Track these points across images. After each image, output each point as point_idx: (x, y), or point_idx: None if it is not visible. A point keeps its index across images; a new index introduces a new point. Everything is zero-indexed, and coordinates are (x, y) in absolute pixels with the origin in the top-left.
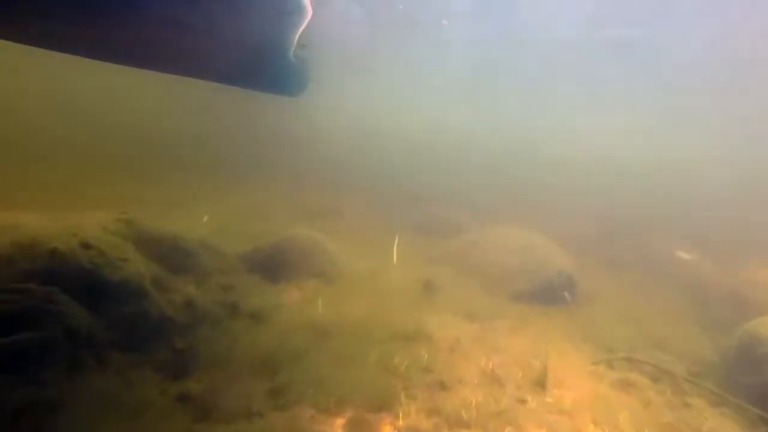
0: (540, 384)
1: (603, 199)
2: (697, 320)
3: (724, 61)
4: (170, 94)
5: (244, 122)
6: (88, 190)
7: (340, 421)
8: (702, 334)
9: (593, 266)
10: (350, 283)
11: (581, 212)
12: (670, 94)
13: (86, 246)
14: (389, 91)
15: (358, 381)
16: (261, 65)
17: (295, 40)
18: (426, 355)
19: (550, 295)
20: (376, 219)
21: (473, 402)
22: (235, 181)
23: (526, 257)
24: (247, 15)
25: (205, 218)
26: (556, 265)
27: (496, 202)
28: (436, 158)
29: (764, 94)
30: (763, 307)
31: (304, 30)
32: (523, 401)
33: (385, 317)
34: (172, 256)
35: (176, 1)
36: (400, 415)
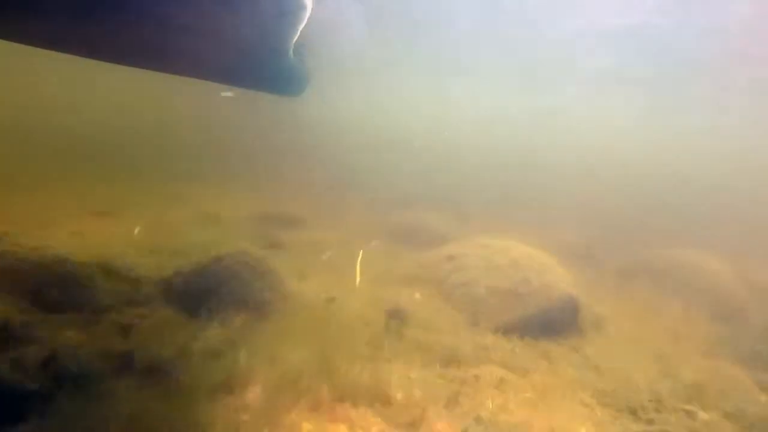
0: None
1: (604, 200)
2: (733, 351)
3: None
4: (127, 87)
5: (208, 121)
6: None
7: None
8: (746, 374)
9: (597, 280)
10: (293, 316)
11: (580, 215)
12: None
13: None
14: (375, 89)
15: None
16: (260, 65)
17: (295, 40)
18: None
19: (548, 326)
20: (346, 227)
21: None
22: (194, 184)
23: (518, 276)
24: (246, 14)
25: (137, 230)
26: (555, 286)
27: (485, 207)
28: (420, 158)
29: None
30: None
31: (304, 30)
32: None
33: (331, 367)
34: (51, 288)
35: (175, 1)
36: None
